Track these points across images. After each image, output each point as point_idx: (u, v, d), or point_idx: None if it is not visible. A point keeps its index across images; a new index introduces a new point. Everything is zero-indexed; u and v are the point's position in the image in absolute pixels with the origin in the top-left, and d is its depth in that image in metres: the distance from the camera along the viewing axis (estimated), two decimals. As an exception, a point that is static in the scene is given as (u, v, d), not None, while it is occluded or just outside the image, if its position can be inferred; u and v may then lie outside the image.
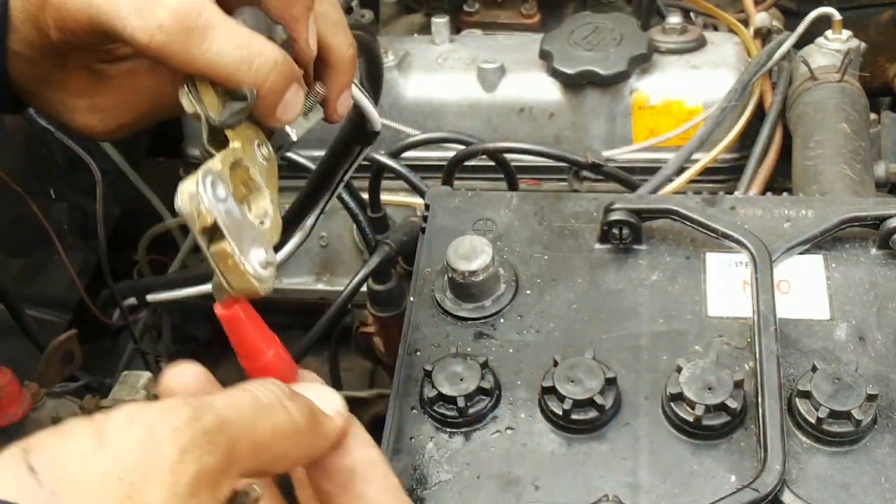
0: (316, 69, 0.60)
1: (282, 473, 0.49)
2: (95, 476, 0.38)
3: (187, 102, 0.53)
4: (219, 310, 0.53)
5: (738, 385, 0.64)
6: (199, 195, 0.49)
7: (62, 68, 0.59)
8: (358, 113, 0.68)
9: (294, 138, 0.59)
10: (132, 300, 1.28)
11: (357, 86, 0.64)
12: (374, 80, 0.78)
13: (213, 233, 0.50)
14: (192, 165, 1.09)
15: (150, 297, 1.25)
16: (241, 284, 0.51)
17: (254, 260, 0.51)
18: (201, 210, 0.49)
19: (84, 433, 0.40)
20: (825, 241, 0.75)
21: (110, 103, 0.61)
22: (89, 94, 0.61)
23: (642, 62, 1.18)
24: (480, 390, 0.67)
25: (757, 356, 0.67)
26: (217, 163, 0.51)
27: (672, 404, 0.65)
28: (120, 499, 0.38)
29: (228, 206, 0.50)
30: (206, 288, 1.23)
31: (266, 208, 0.55)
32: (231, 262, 0.50)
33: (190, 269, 1.36)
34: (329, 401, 0.50)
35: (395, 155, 1.03)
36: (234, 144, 0.53)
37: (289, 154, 1.20)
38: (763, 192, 1.12)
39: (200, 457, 0.40)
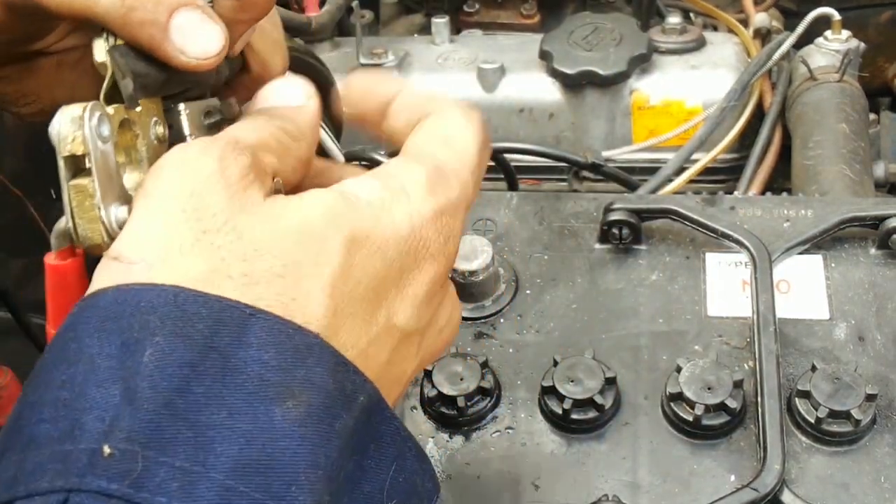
0: (241, 85, 0.58)
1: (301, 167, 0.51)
2: (159, 223, 0.42)
3: (99, 51, 0.49)
4: (50, 258, 0.50)
5: (738, 385, 0.64)
6: (82, 120, 0.45)
7: None
8: (320, 149, 0.67)
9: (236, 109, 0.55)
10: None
11: (323, 127, 0.63)
12: (333, 119, 0.77)
13: (79, 165, 0.46)
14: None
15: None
16: (89, 234, 0.46)
17: (112, 214, 0.46)
18: (77, 135, 0.45)
19: (141, 206, 0.44)
20: (825, 241, 0.75)
21: (35, 93, 0.59)
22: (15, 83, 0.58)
23: (642, 62, 1.18)
24: (480, 390, 0.67)
25: (756, 356, 0.67)
26: (112, 109, 0.47)
27: (672, 404, 0.65)
28: (190, 223, 0.42)
29: (106, 150, 0.46)
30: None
31: (138, 184, 0.49)
32: (88, 203, 0.46)
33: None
34: (294, 88, 0.53)
35: (394, 156, 1.03)
36: (135, 108, 0.49)
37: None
38: (763, 192, 1.12)
39: (236, 159, 0.44)
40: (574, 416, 0.65)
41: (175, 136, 0.51)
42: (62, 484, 0.35)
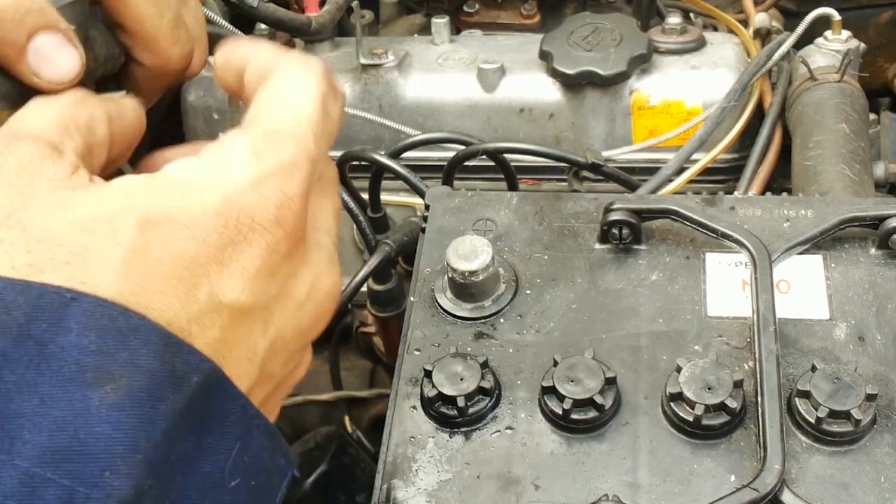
0: (136, 77, 0.57)
1: None
2: None
3: None
4: None
5: (738, 385, 0.64)
6: None
7: None
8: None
9: None
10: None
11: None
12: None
13: None
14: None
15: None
16: None
17: None
18: None
19: None
20: (825, 241, 0.75)
21: None
22: None
23: (642, 62, 1.18)
24: (480, 390, 0.67)
25: (756, 356, 0.67)
26: None
27: (672, 404, 0.65)
28: (16, 225, 0.42)
29: None
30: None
31: None
32: None
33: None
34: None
35: (395, 155, 1.03)
36: None
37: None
38: (763, 193, 1.12)
39: (14, 151, 0.44)
40: (574, 416, 0.65)
41: None
42: None
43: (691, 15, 1.42)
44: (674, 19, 1.25)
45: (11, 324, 0.38)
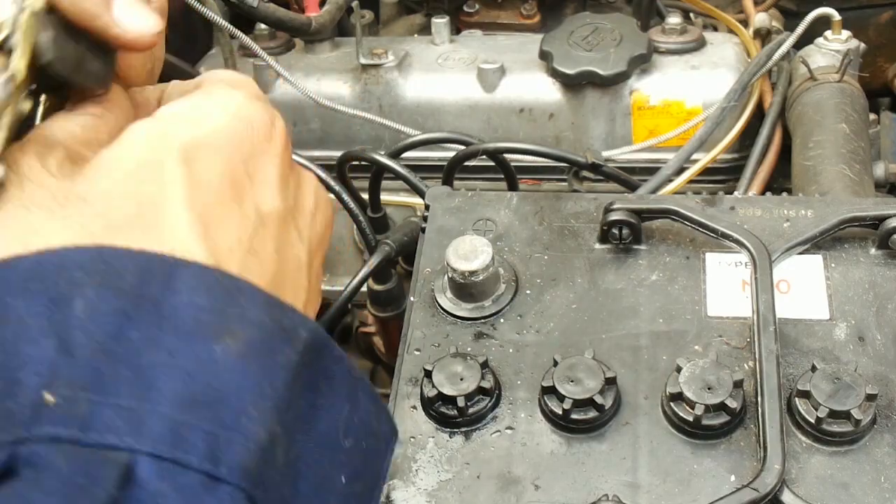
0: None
1: None
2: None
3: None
4: None
5: (738, 385, 0.64)
6: None
7: None
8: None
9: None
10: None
11: None
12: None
13: None
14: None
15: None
16: None
17: None
18: None
19: None
20: (825, 241, 0.75)
21: None
22: None
23: (642, 62, 1.18)
24: (480, 390, 0.67)
25: (756, 356, 0.67)
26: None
27: (672, 404, 0.65)
28: (41, 209, 0.42)
29: None
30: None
31: None
32: None
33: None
34: None
35: (395, 155, 1.03)
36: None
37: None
38: (763, 193, 1.12)
39: (52, 154, 0.45)
40: (574, 416, 0.65)
41: (25, 122, 0.49)
42: (5, 438, 0.35)
43: (691, 15, 1.42)
44: (674, 19, 1.25)
45: (125, 286, 0.39)
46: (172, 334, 0.39)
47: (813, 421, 0.63)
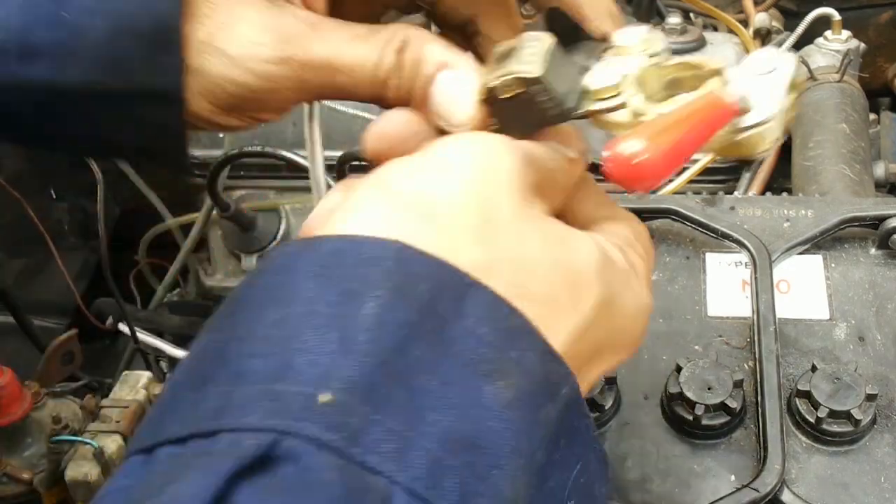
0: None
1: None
2: (453, 193, 0.42)
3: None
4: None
5: (738, 385, 0.64)
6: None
7: None
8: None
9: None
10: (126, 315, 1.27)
11: None
12: None
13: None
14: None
15: (142, 338, 1.25)
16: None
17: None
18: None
19: (425, 161, 0.44)
20: (825, 241, 0.75)
21: None
22: None
23: (642, 62, 1.18)
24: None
25: (756, 356, 0.67)
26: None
27: (672, 404, 0.65)
28: (480, 207, 0.41)
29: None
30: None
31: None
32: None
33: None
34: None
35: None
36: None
37: (288, 154, 1.20)
38: (763, 192, 1.12)
39: (529, 173, 0.44)
40: (574, 416, 0.65)
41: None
42: (274, 423, 0.33)
43: (691, 15, 1.42)
44: (674, 19, 1.25)
45: (418, 296, 0.37)
46: (450, 362, 0.37)
47: (813, 421, 0.63)
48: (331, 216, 0.42)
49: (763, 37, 1.31)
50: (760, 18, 1.32)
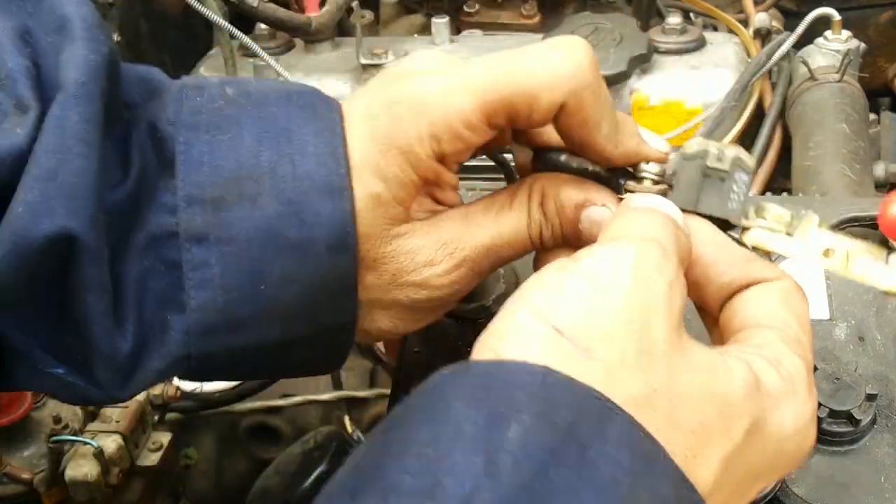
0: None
1: None
2: (609, 323, 0.43)
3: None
4: None
5: (738, 385, 0.64)
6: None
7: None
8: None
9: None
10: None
11: None
12: None
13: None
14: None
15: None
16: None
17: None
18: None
19: (578, 283, 0.44)
20: (825, 241, 0.75)
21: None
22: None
23: (642, 62, 1.18)
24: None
25: (756, 356, 0.67)
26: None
27: (672, 404, 0.65)
28: (635, 338, 0.42)
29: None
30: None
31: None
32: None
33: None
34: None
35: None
36: None
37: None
38: (763, 192, 1.12)
39: (681, 289, 0.45)
40: (574, 416, 0.65)
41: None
42: None
43: (691, 15, 1.42)
44: (674, 19, 1.25)
45: (560, 421, 0.39)
46: (589, 488, 0.38)
47: (813, 421, 0.63)
48: (487, 339, 0.44)
49: (763, 37, 1.31)
50: (760, 18, 1.32)
